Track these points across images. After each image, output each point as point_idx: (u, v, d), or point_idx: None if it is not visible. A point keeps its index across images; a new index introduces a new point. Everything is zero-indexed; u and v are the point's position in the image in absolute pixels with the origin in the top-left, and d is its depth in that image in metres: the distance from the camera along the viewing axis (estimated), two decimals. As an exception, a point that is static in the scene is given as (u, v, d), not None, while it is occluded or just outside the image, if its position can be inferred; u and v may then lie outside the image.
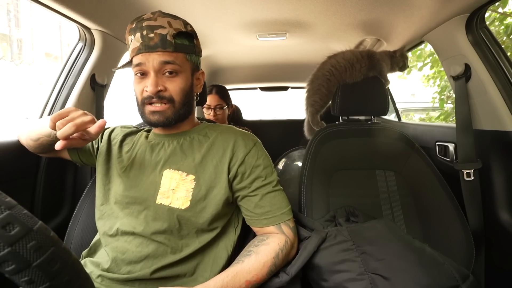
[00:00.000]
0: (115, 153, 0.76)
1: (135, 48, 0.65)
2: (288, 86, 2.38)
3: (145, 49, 0.64)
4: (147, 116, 0.68)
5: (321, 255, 0.69)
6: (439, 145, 1.16)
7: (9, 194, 0.25)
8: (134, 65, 0.66)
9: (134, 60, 0.66)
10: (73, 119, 0.58)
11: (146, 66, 0.65)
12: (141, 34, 0.64)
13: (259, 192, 0.68)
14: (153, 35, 0.63)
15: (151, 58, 0.64)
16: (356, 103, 1.10)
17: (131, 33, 0.66)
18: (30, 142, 0.77)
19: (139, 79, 0.67)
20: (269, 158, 0.74)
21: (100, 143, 0.80)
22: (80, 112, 0.60)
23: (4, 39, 8.91)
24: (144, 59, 0.64)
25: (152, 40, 0.63)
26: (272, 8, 1.05)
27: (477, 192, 0.94)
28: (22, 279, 0.23)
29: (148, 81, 0.65)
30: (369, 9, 1.04)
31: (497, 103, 0.90)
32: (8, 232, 0.23)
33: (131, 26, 0.66)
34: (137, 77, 0.68)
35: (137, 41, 0.64)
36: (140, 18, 0.66)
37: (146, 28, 0.64)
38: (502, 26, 2.05)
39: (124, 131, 0.81)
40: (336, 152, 1.06)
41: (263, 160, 0.71)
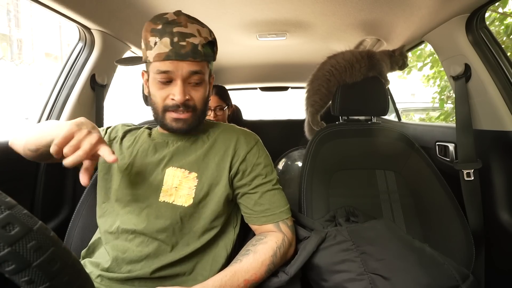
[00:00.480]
0: (116, 151, 0.74)
1: (162, 53, 0.62)
2: (288, 86, 2.38)
3: (175, 56, 0.62)
4: (168, 122, 0.67)
5: (321, 255, 0.69)
6: (439, 145, 1.16)
7: (9, 194, 0.25)
8: (160, 71, 0.63)
9: (159, 65, 0.63)
10: (79, 142, 0.52)
11: (174, 75, 0.63)
12: (171, 40, 0.61)
13: (259, 190, 0.70)
14: (185, 44, 0.62)
15: (180, 66, 0.63)
16: (356, 103, 1.11)
17: (154, 35, 0.62)
18: (28, 152, 0.69)
19: (162, 85, 0.65)
20: (269, 157, 0.76)
21: None
22: (84, 131, 0.54)
23: (4, 39, 8.91)
24: (173, 67, 0.63)
25: (183, 48, 0.62)
26: (272, 8, 1.05)
27: (477, 192, 0.94)
28: (22, 279, 0.23)
29: (175, 89, 0.64)
30: (369, 9, 1.05)
31: (497, 103, 0.90)
32: (8, 232, 0.23)
33: (155, 26, 0.62)
34: (159, 83, 0.65)
35: (165, 46, 0.61)
36: (164, 19, 0.63)
37: (178, 35, 0.61)
38: (502, 26, 2.05)
39: (125, 128, 0.80)
40: (336, 152, 1.06)
41: (263, 158, 0.73)
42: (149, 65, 0.66)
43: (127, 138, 0.77)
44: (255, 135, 0.78)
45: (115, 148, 0.75)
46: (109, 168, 0.73)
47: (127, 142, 0.76)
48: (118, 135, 0.77)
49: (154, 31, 0.62)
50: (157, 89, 0.66)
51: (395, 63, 1.20)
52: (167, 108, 0.66)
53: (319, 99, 1.18)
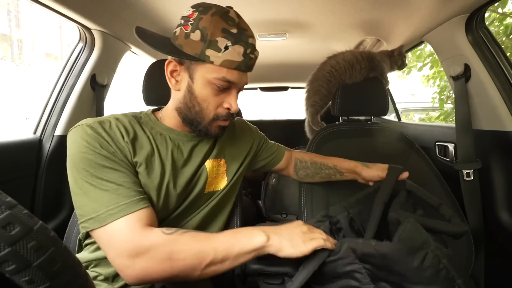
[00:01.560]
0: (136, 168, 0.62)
1: (233, 61, 0.57)
2: (288, 86, 2.38)
3: (245, 68, 0.60)
4: (213, 130, 0.65)
5: (324, 267, 0.63)
6: (439, 145, 1.16)
7: (10, 194, 0.25)
8: (225, 78, 0.59)
9: (226, 72, 0.58)
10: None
11: (235, 84, 0.62)
12: (245, 50, 0.58)
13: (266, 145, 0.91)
14: (254, 56, 0.61)
15: (243, 78, 0.63)
16: (356, 103, 1.11)
17: (227, 37, 0.56)
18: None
19: (219, 92, 0.61)
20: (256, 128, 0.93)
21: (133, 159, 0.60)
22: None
23: (4, 39, 8.92)
24: (238, 78, 0.61)
25: (251, 61, 0.61)
26: (272, 8, 1.05)
27: (476, 192, 0.95)
28: (22, 279, 0.23)
29: (231, 99, 0.63)
30: (369, 9, 1.05)
31: (497, 103, 0.90)
32: (8, 232, 0.23)
33: (228, 27, 0.56)
34: (216, 89, 0.61)
35: (238, 55, 0.58)
36: (234, 20, 0.58)
37: (251, 47, 0.59)
38: (501, 26, 2.05)
39: (124, 132, 0.61)
40: (336, 152, 1.06)
41: (262, 134, 0.92)
42: (204, 64, 0.58)
43: (141, 142, 0.63)
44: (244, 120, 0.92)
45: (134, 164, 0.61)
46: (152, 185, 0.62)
47: (146, 147, 0.62)
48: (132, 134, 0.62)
49: (227, 33, 0.56)
50: (212, 94, 0.61)
51: (394, 63, 1.20)
52: (218, 116, 0.64)
53: (319, 100, 1.18)
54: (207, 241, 0.53)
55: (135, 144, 0.61)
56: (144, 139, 0.63)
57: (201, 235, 0.54)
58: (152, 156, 0.62)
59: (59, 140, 1.01)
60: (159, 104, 1.04)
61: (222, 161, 0.75)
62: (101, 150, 0.55)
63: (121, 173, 0.56)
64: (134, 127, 0.63)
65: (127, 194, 0.54)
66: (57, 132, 1.02)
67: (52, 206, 1.03)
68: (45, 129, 1.02)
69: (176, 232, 0.54)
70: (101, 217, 0.52)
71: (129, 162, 0.58)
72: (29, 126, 1.05)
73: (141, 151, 0.61)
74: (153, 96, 0.95)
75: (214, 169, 0.73)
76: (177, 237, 0.52)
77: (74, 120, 1.05)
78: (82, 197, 0.54)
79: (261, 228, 0.57)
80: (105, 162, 0.55)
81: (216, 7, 0.58)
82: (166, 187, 0.62)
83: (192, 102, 0.62)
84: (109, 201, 0.52)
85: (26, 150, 0.95)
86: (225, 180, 0.75)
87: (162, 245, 0.51)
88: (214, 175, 0.73)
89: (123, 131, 0.60)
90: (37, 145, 0.99)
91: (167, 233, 0.53)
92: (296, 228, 0.59)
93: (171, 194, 0.64)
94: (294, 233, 0.57)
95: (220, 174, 0.75)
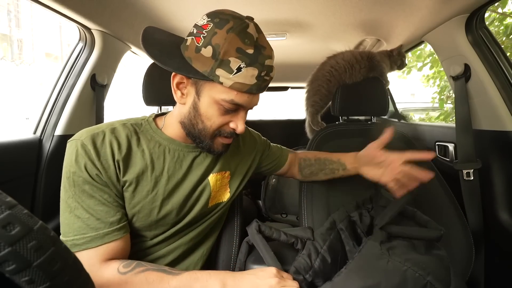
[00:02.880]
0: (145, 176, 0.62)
1: (244, 85, 0.53)
2: (288, 86, 2.38)
3: (257, 91, 0.55)
4: (216, 146, 0.62)
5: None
6: (439, 145, 1.16)
7: (10, 194, 0.25)
8: (234, 101, 0.55)
9: (235, 95, 0.54)
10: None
11: (244, 107, 0.58)
12: (259, 73, 0.53)
13: (272, 148, 0.89)
14: (268, 78, 0.56)
15: (254, 100, 0.58)
16: (356, 103, 1.11)
17: (242, 59, 0.51)
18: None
19: (224, 112, 0.57)
20: (258, 133, 0.90)
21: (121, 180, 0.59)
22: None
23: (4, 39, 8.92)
24: (249, 101, 0.56)
25: (265, 83, 0.56)
26: (272, 8, 1.05)
27: (476, 192, 0.95)
28: (22, 278, 0.23)
29: (238, 120, 0.59)
30: (369, 9, 1.05)
31: (497, 103, 0.90)
32: (8, 232, 0.23)
33: (244, 48, 0.51)
34: (223, 110, 0.57)
35: (251, 78, 0.52)
36: (252, 37, 0.52)
37: (267, 69, 0.54)
38: (501, 26, 2.05)
39: (116, 148, 0.59)
40: (336, 152, 1.06)
41: (265, 140, 0.90)
42: (213, 84, 0.54)
43: (135, 158, 0.61)
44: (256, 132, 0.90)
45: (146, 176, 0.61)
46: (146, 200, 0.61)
47: (140, 163, 0.61)
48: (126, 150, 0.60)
49: (242, 53, 0.51)
50: (218, 114, 0.57)
51: (394, 63, 1.20)
52: (220, 134, 0.60)
53: (319, 100, 1.18)
54: (160, 284, 0.52)
55: (128, 161, 0.59)
56: (138, 154, 0.60)
57: (156, 277, 0.53)
58: (145, 172, 0.60)
59: (59, 140, 1.01)
60: (159, 104, 1.04)
61: (226, 173, 0.73)
62: (84, 172, 0.55)
63: (96, 201, 0.56)
64: (130, 141, 0.61)
65: (95, 226, 0.54)
66: (57, 132, 1.02)
67: (52, 206, 1.03)
68: (45, 129, 1.02)
69: (132, 271, 0.53)
70: (68, 243, 0.53)
71: (114, 184, 0.57)
72: (29, 126, 1.05)
73: (132, 169, 0.59)
74: (153, 96, 0.95)
75: (218, 183, 0.70)
76: (131, 279, 0.53)
77: (74, 120, 1.05)
78: (62, 213, 0.56)
79: (221, 278, 0.54)
80: (85, 186, 0.55)
81: (234, 21, 0.52)
82: (161, 203, 0.61)
83: (196, 119, 0.59)
84: (77, 229, 0.54)
85: (26, 150, 0.95)
86: (228, 192, 0.74)
87: (114, 285, 0.52)
88: (217, 189, 0.71)
89: (116, 147, 0.58)
90: (37, 145, 0.99)
91: (122, 272, 0.53)
92: (263, 280, 0.53)
93: (168, 210, 0.63)
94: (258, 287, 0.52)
95: (224, 186, 0.73)
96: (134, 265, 0.54)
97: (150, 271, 0.54)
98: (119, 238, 0.56)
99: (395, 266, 0.58)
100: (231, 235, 0.82)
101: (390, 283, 0.56)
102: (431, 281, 0.56)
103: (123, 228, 0.57)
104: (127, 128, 0.62)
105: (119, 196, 0.58)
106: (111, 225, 0.56)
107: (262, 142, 0.88)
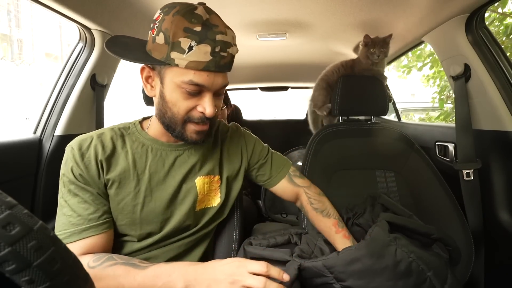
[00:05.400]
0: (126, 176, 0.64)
1: (200, 63, 0.53)
2: (288, 86, 2.38)
3: (215, 68, 0.55)
4: (188, 134, 0.61)
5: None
6: (439, 145, 1.16)
7: (9, 194, 0.25)
8: (193, 82, 0.55)
9: (193, 75, 0.54)
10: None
11: (206, 87, 0.57)
12: (212, 49, 0.53)
13: (268, 157, 0.82)
14: (226, 55, 0.55)
15: (216, 79, 0.57)
16: (356, 103, 1.11)
17: (190, 36, 0.52)
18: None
19: (188, 96, 0.57)
20: (256, 137, 0.85)
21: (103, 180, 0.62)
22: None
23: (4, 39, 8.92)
24: (209, 80, 0.56)
25: (223, 59, 0.55)
26: (272, 8, 1.05)
27: (476, 192, 0.95)
28: (22, 278, 0.23)
29: (205, 102, 0.58)
30: (369, 9, 1.05)
31: (497, 103, 0.90)
32: (8, 232, 0.23)
33: (191, 26, 0.52)
34: (185, 92, 0.57)
35: (205, 55, 0.53)
36: (199, 17, 0.53)
37: (221, 44, 0.53)
38: (501, 26, 2.05)
39: (100, 149, 0.62)
40: (336, 152, 1.06)
41: (260, 145, 0.83)
42: (171, 68, 0.56)
43: (118, 158, 0.64)
44: (238, 125, 0.85)
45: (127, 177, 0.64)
46: (129, 198, 0.64)
47: (123, 162, 0.63)
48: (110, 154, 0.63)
49: (189, 32, 0.52)
50: (182, 98, 0.58)
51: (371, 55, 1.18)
52: (190, 119, 0.60)
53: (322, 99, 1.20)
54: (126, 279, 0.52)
55: (110, 161, 0.62)
56: (122, 155, 0.63)
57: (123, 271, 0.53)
58: (128, 171, 0.63)
59: (59, 140, 1.01)
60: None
61: (216, 178, 0.72)
62: (70, 173, 0.59)
63: (80, 199, 0.60)
64: (115, 143, 0.64)
65: (76, 222, 0.58)
66: (57, 132, 1.02)
67: (52, 206, 1.03)
68: (45, 129, 1.02)
69: (101, 265, 0.54)
70: None
71: (96, 182, 0.61)
72: (29, 126, 1.05)
73: (115, 168, 0.62)
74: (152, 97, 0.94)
75: (205, 186, 0.70)
76: (99, 272, 0.53)
77: (74, 120, 1.05)
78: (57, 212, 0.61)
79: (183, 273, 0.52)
80: (71, 186, 0.60)
81: (181, 5, 0.54)
82: (143, 200, 0.63)
83: (165, 107, 0.60)
84: (62, 226, 0.58)
85: (26, 150, 0.95)
86: (218, 197, 0.72)
87: None
88: (205, 192, 0.70)
89: (100, 149, 0.62)
90: (37, 145, 0.99)
91: (91, 266, 0.54)
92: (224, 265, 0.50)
93: (151, 207, 0.64)
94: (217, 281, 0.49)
95: (213, 191, 0.72)
96: (105, 259, 0.55)
97: (119, 265, 0.54)
98: (97, 234, 0.59)
99: (402, 256, 0.60)
100: (231, 235, 0.82)
101: (397, 270, 0.58)
102: (431, 276, 0.58)
103: (102, 225, 0.60)
104: (114, 131, 0.66)
105: (102, 194, 0.62)
106: (89, 221, 0.59)
107: (257, 147, 0.81)
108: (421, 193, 0.99)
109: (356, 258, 0.60)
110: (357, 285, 0.60)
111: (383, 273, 0.59)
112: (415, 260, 0.59)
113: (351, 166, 1.06)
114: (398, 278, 0.58)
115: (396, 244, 0.61)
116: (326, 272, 0.62)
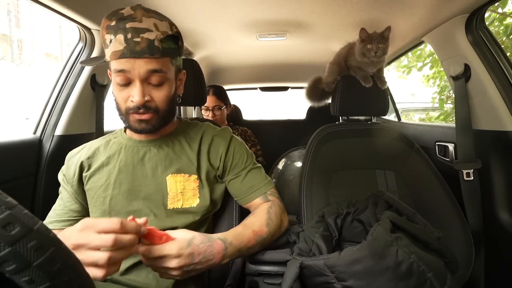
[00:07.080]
0: (100, 176, 0.70)
1: (117, 52, 0.58)
2: (288, 86, 2.38)
3: (130, 54, 0.58)
4: (132, 124, 0.65)
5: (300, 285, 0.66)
6: (439, 145, 1.16)
7: (9, 194, 0.25)
8: (116, 70, 0.60)
9: (115, 64, 0.60)
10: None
11: (131, 74, 0.60)
12: (125, 37, 0.57)
13: (242, 173, 0.76)
14: (140, 40, 0.58)
15: (137, 65, 0.59)
16: (356, 103, 1.11)
17: (109, 32, 0.59)
18: None
19: (121, 87, 0.62)
20: (244, 143, 0.82)
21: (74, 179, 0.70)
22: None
23: (4, 39, 8.93)
24: (129, 66, 0.59)
25: (138, 45, 0.58)
26: (272, 8, 1.05)
27: (476, 192, 0.95)
28: (22, 278, 0.23)
29: (134, 90, 0.61)
30: (369, 9, 1.05)
31: (497, 103, 0.90)
32: (8, 232, 0.23)
33: (109, 23, 0.59)
34: (117, 84, 0.62)
35: (120, 44, 0.58)
36: (119, 14, 0.59)
37: (131, 31, 0.58)
38: (501, 26, 2.05)
39: (85, 152, 0.72)
40: (336, 152, 1.06)
41: (239, 147, 0.78)
42: (109, 65, 0.63)
43: (96, 158, 0.71)
44: (228, 129, 0.82)
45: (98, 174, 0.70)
46: (100, 190, 0.69)
47: (98, 162, 0.71)
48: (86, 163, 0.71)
49: (108, 28, 0.59)
50: (117, 90, 0.63)
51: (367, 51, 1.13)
52: (128, 110, 0.63)
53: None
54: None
55: (90, 161, 0.71)
56: (101, 155, 0.72)
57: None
58: (102, 167, 0.70)
59: (59, 140, 1.01)
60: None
61: (192, 177, 0.71)
62: (61, 174, 0.72)
63: (59, 197, 0.72)
64: (99, 147, 0.73)
65: (49, 217, 0.69)
66: (57, 132, 1.02)
67: (52, 206, 1.04)
68: (45, 129, 1.02)
69: None
70: None
71: (71, 181, 0.70)
72: (29, 126, 1.05)
73: (93, 166, 0.71)
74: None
75: (178, 185, 0.69)
76: None
77: (74, 120, 1.05)
78: None
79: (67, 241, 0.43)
80: (60, 188, 0.73)
81: (114, 10, 0.61)
82: (111, 192, 0.68)
83: (114, 102, 0.67)
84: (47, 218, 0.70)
85: (26, 150, 0.95)
86: (197, 198, 0.70)
87: None
88: (179, 191, 0.69)
89: (84, 153, 0.72)
90: (37, 145, 0.99)
91: None
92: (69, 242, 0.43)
93: (119, 200, 0.68)
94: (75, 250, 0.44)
95: (191, 190, 0.70)
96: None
97: None
98: (57, 229, 0.66)
99: (403, 256, 0.60)
100: None
101: (398, 270, 0.58)
102: (431, 278, 0.58)
103: (63, 222, 0.68)
104: (104, 138, 0.76)
105: (74, 193, 0.70)
106: (56, 216, 0.69)
107: (236, 156, 0.76)
108: (421, 193, 0.99)
109: (357, 259, 0.60)
110: (358, 285, 0.60)
111: (385, 274, 0.59)
112: (416, 261, 0.59)
113: (351, 166, 1.06)
114: (399, 279, 0.58)
115: (397, 245, 0.61)
116: (327, 272, 0.62)
